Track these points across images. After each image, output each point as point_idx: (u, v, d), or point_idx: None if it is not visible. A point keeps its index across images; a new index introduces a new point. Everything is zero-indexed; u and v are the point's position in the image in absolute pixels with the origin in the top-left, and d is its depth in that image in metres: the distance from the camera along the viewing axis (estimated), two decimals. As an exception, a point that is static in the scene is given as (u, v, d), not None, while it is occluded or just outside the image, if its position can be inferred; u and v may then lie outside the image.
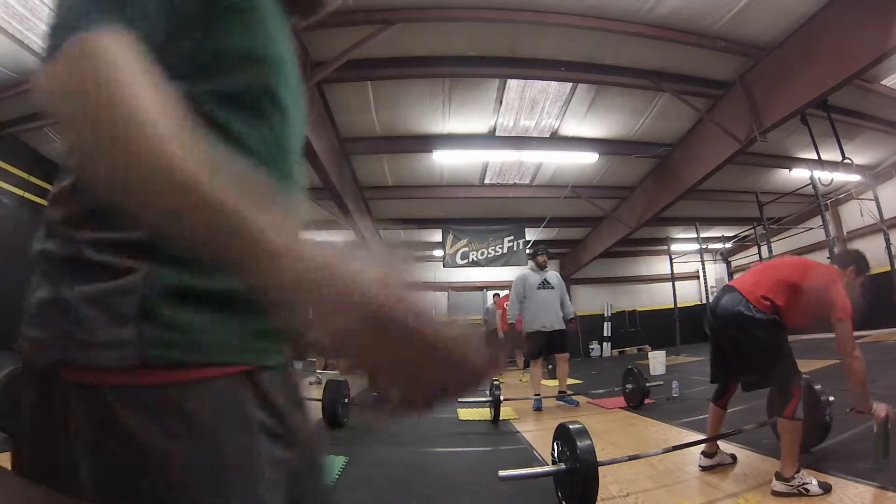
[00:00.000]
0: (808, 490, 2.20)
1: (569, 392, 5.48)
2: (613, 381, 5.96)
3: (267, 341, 0.53)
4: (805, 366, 6.19)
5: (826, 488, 2.22)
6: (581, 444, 2.16)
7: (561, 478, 2.27)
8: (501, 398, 4.60)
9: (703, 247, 10.93)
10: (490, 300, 11.04)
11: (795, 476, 2.22)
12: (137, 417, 0.44)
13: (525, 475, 2.38)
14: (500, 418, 4.52)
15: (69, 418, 0.44)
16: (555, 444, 2.39)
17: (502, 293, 10.18)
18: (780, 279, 2.50)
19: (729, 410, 2.80)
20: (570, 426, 2.29)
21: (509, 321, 5.39)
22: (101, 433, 0.43)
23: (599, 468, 2.14)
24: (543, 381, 6.10)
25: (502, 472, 2.26)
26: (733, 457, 2.76)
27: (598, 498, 2.13)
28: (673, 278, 11.66)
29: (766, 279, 2.54)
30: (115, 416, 0.43)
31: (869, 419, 3.15)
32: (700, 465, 2.72)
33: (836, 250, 7.10)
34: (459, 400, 5.25)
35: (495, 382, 4.74)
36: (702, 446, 2.75)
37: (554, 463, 2.35)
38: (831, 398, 2.74)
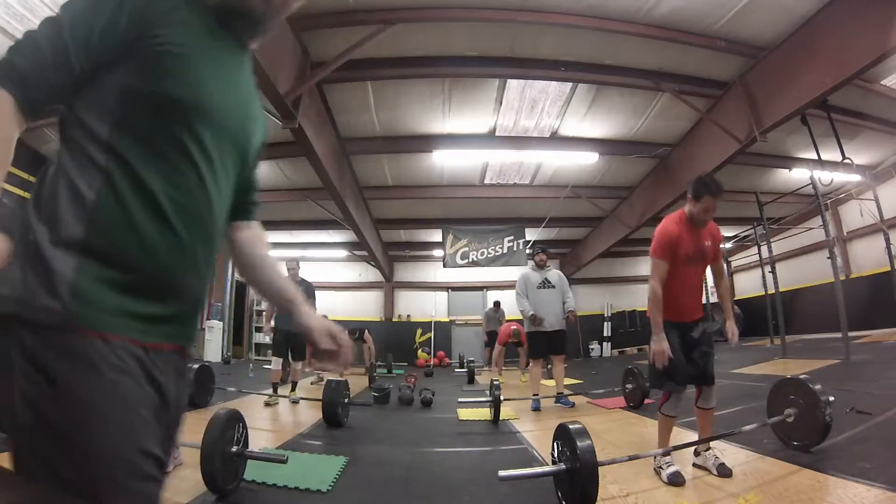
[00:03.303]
0: (659, 473, 2.57)
1: (566, 393, 5.48)
2: (613, 381, 5.95)
3: (151, 328, 0.74)
4: (805, 366, 6.21)
5: (674, 481, 2.46)
6: (581, 444, 2.16)
7: (561, 478, 2.27)
8: (501, 398, 4.60)
9: (703, 247, 10.90)
10: (490, 304, 11.17)
11: (658, 458, 2.61)
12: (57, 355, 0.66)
13: (525, 475, 2.38)
14: (500, 418, 4.52)
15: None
16: (555, 444, 2.39)
17: (503, 294, 10.16)
18: None
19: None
20: (570, 426, 2.29)
21: (528, 314, 5.21)
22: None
23: (599, 468, 2.14)
24: (543, 382, 6.10)
25: (502, 472, 2.25)
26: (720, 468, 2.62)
27: (598, 498, 2.12)
28: (673, 278, 11.64)
29: None
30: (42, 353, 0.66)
31: (869, 419, 3.15)
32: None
33: (835, 250, 7.09)
34: (460, 400, 5.26)
35: (495, 382, 4.74)
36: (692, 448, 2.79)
37: (554, 463, 2.35)
38: (831, 398, 2.73)
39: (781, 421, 2.87)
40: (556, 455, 2.36)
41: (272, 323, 5.79)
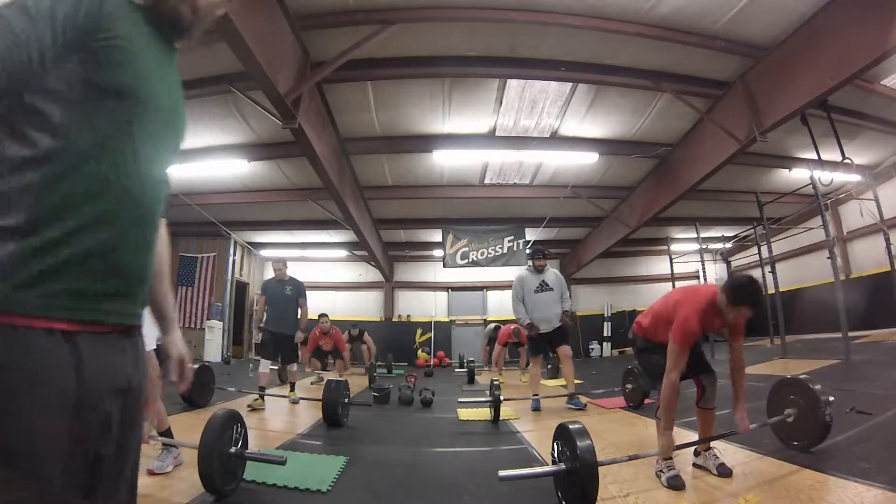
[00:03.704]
0: (659, 477, 2.54)
1: (576, 394, 5.38)
2: (613, 381, 5.95)
3: (90, 306, 0.78)
4: (805, 366, 6.20)
5: (674, 485, 2.43)
6: (581, 444, 2.15)
7: (561, 478, 2.27)
8: (501, 398, 4.59)
9: (703, 247, 10.91)
10: (490, 304, 11.29)
11: (659, 462, 2.58)
12: None
13: (525, 475, 2.38)
14: (500, 418, 4.52)
15: None
16: (555, 444, 2.39)
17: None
18: (652, 306, 2.94)
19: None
20: (570, 426, 2.29)
21: (524, 322, 5.23)
22: None
23: (599, 468, 2.13)
24: (543, 382, 6.09)
25: (502, 472, 2.25)
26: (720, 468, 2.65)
27: (598, 498, 2.12)
28: (673, 278, 11.64)
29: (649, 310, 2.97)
30: None
31: (869, 419, 3.15)
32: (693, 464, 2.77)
33: (835, 250, 7.08)
34: (460, 400, 5.25)
35: (495, 382, 4.73)
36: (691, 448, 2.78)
37: (554, 463, 2.35)
38: (831, 398, 2.73)
39: (781, 421, 2.87)
40: (556, 455, 2.36)
41: (262, 324, 5.69)
